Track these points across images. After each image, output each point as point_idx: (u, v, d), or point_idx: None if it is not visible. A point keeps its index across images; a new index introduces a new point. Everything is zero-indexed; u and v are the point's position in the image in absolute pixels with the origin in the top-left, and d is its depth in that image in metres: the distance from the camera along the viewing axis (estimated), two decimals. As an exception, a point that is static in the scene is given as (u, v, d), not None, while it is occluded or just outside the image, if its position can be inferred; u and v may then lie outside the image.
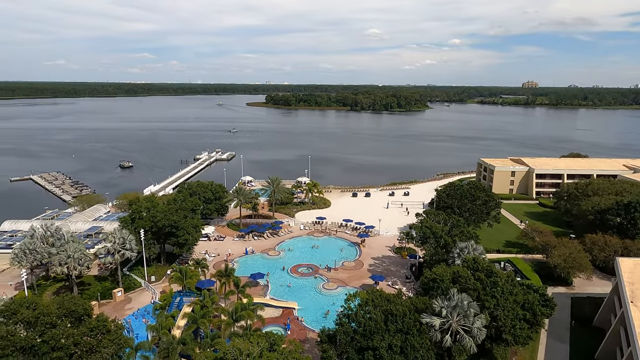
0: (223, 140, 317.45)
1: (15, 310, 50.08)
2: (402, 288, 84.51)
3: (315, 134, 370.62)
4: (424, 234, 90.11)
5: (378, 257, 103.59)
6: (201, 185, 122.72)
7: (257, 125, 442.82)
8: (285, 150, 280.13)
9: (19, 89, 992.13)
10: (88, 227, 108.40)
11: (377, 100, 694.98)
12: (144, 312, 77.27)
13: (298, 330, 72.08)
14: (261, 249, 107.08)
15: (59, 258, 78.09)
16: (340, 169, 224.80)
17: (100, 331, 51.68)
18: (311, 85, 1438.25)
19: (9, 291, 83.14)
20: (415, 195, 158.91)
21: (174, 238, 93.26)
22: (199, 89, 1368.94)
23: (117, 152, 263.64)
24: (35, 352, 46.11)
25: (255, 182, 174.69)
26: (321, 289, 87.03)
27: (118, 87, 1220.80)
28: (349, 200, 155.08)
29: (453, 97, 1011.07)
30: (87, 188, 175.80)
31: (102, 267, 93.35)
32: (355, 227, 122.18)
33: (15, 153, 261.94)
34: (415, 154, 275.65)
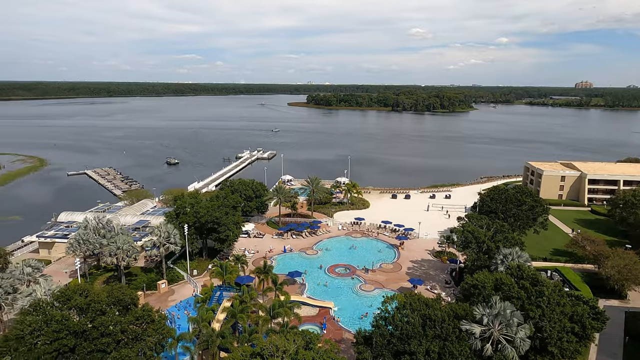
0: (264, 140, 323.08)
1: (69, 296, 53.33)
2: (441, 293, 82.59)
3: (355, 135, 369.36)
4: (465, 239, 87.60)
5: (417, 261, 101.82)
6: (242, 183, 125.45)
7: (297, 125, 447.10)
8: (325, 150, 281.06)
9: (79, 89, 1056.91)
10: (136, 220, 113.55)
11: (419, 100, 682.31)
12: (185, 305, 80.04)
13: (334, 330, 72.16)
14: (299, 248, 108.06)
15: (109, 249, 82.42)
16: (380, 170, 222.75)
17: (145, 320, 54.03)
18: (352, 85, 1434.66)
19: (64, 278, 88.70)
20: (457, 199, 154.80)
21: (215, 234, 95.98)
22: (242, 89, 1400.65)
23: (164, 150, 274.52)
24: (87, 336, 48.87)
25: (295, 181, 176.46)
26: (358, 290, 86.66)
27: (166, 87, 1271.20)
28: (388, 202, 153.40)
29: (499, 98, 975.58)
30: (136, 183, 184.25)
31: (148, 259, 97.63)
32: (394, 229, 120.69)
33: (73, 149, 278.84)
34: (458, 156, 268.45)
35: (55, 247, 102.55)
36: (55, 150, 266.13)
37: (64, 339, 47.40)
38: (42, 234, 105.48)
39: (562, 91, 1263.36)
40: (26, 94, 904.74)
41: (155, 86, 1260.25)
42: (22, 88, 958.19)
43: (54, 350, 46.76)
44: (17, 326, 49.18)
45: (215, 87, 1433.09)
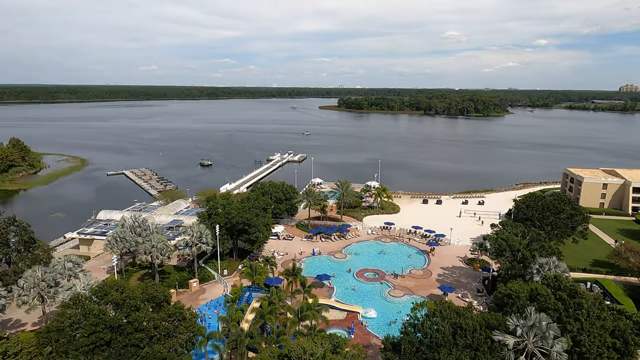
0: (295, 142, 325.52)
1: (106, 291, 55.43)
2: (472, 301, 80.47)
3: (386, 138, 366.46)
4: (499, 246, 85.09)
5: (448, 267, 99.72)
6: (273, 186, 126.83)
7: (328, 129, 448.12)
8: (355, 154, 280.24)
9: (120, 92, 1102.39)
10: (170, 220, 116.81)
11: (452, 104, 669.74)
12: (216, 304, 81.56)
13: (362, 335, 71.64)
14: (328, 251, 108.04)
15: (144, 247, 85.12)
16: (411, 174, 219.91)
17: (177, 318, 55.40)
18: (384, 88, 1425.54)
19: (102, 274, 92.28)
20: (491, 205, 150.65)
21: (245, 235, 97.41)
22: (274, 92, 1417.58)
23: (198, 151, 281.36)
24: (121, 331, 50.60)
25: (325, 184, 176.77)
26: (387, 295, 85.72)
27: (202, 90, 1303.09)
28: (419, 207, 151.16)
29: (537, 101, 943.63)
30: (171, 184, 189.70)
31: (180, 258, 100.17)
32: (425, 234, 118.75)
33: (112, 150, 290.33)
34: (493, 162, 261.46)
35: (94, 243, 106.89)
36: (96, 151, 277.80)
37: (100, 332, 49.23)
38: (83, 231, 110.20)
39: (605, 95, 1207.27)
40: (71, 97, 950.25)
41: (191, 90, 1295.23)
42: (68, 91, 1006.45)
43: (91, 343, 48.64)
44: (58, 318, 51.51)
45: (248, 90, 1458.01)
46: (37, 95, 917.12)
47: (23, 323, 75.20)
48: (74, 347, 48.29)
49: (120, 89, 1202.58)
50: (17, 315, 75.68)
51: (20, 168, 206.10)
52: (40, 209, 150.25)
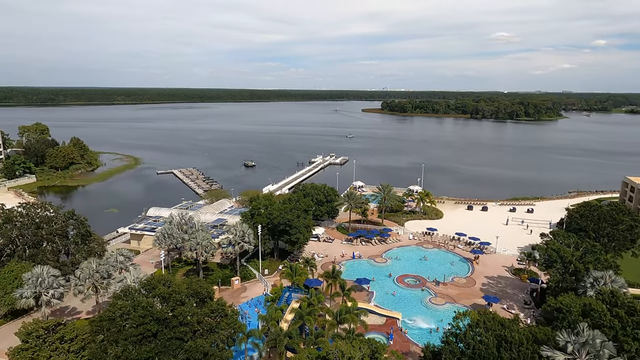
0: (337, 145, 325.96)
1: (154, 285, 57.89)
2: (519, 314, 77.12)
3: (430, 142, 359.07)
4: (549, 257, 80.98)
5: (493, 277, 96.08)
6: (314, 188, 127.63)
7: (370, 131, 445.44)
8: (398, 157, 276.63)
9: (175, 95, 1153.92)
10: (214, 218, 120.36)
11: (501, 107, 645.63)
12: (256, 302, 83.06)
13: (401, 342, 70.46)
14: (368, 255, 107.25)
15: (190, 244, 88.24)
16: (456, 179, 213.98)
17: (219, 314, 56.93)
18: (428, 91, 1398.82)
19: (150, 269, 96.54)
20: (541, 213, 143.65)
21: (286, 235, 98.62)
22: (320, 95, 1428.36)
23: (243, 152, 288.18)
24: (167, 324, 52.67)
25: (367, 187, 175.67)
26: (428, 302, 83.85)
27: (251, 93, 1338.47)
28: (463, 213, 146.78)
29: (594, 105, 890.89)
30: (216, 183, 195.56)
31: (223, 256, 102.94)
32: (469, 242, 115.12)
33: (163, 150, 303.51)
34: (544, 168, 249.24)
35: (143, 239, 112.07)
36: (148, 150, 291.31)
37: (148, 324, 51.46)
38: (134, 227, 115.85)
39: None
40: (126, 100, 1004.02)
41: (241, 92, 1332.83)
42: (122, 94, 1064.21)
43: (139, 334, 50.95)
44: (110, 308, 54.39)
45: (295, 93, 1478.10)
46: (95, 97, 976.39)
47: (78, 311, 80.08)
48: (123, 337, 50.81)
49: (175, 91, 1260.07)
50: (73, 303, 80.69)
51: (80, 165, 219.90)
52: (96, 205, 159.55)
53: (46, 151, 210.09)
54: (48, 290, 69.72)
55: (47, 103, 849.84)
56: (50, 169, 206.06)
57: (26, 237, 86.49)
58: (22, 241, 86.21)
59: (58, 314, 76.53)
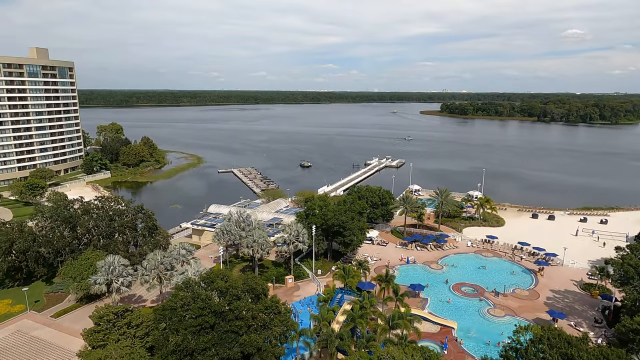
0: (393, 148, 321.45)
1: (213, 279, 60.41)
2: (588, 332, 71.46)
3: (492, 146, 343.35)
4: (625, 273, 74.41)
5: (559, 291, 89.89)
6: (369, 190, 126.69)
7: (428, 134, 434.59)
8: (457, 162, 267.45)
9: (232, 97, 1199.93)
10: (270, 217, 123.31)
11: (572, 110, 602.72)
12: (309, 302, 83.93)
13: (456, 352, 67.99)
14: (423, 260, 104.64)
15: (247, 241, 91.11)
16: (519, 185, 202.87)
17: (273, 311, 58.22)
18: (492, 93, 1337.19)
19: (209, 263, 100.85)
20: (616, 225, 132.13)
21: (340, 237, 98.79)
22: (375, 97, 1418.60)
23: (299, 153, 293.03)
24: (224, 317, 54.74)
25: (423, 191, 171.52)
26: (485, 313, 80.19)
27: (305, 95, 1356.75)
28: (527, 221, 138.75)
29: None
30: (273, 183, 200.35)
31: (278, 254, 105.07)
32: (533, 252, 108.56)
33: (224, 149, 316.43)
34: (620, 176, 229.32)
35: (204, 234, 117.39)
36: (210, 150, 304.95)
37: (206, 316, 53.81)
38: (195, 222, 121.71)
39: None
40: (191, 101, 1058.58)
41: (295, 94, 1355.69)
42: (189, 96, 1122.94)
43: (198, 325, 53.41)
44: (172, 299, 57.53)
45: (349, 95, 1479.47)
46: (164, 99, 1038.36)
47: (144, 299, 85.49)
48: (183, 326, 53.52)
49: (232, 94, 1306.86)
50: (139, 292, 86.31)
51: (149, 163, 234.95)
52: (162, 200, 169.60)
53: (120, 149, 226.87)
54: (118, 278, 75.17)
55: (122, 104, 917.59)
56: (123, 166, 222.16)
57: (101, 228, 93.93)
58: (97, 231, 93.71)
59: (126, 301, 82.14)
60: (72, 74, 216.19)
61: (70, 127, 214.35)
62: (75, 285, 78.98)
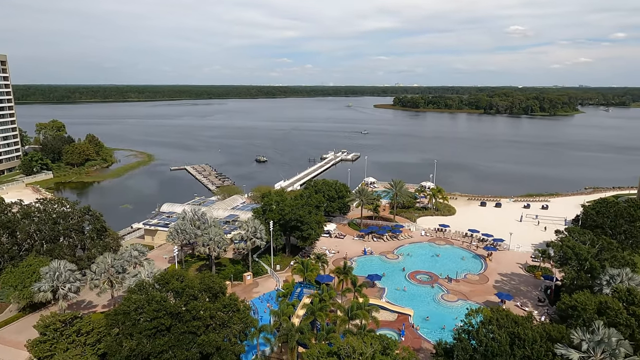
0: (349, 141, 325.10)
1: (168, 280, 58.71)
2: (533, 311, 76.17)
3: (443, 138, 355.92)
4: (564, 254, 79.84)
5: (506, 274, 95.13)
6: (326, 184, 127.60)
7: (382, 127, 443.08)
8: (409, 154, 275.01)
9: (184, 91, 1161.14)
10: (227, 214, 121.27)
11: (515, 102, 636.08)
12: (268, 298, 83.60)
13: (412, 338, 70.30)
14: (380, 251, 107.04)
15: (203, 239, 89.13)
16: (469, 175, 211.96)
17: (232, 309, 57.51)
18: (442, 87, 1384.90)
19: (163, 264, 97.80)
20: (556, 210, 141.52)
21: (298, 231, 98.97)
22: (330, 91, 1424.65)
23: (254, 149, 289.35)
24: (180, 318, 53.40)
25: (378, 183, 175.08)
26: (440, 299, 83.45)
27: (259, 89, 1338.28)
28: (476, 210, 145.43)
29: (612, 99, 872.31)
30: (228, 179, 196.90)
31: (235, 252, 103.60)
32: (482, 238, 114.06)
33: (176, 146, 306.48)
34: (559, 164, 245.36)
35: (157, 234, 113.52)
36: (161, 147, 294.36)
37: (161, 318, 52.27)
38: (147, 222, 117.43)
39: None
40: (139, 97, 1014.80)
41: (249, 89, 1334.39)
42: (137, 91, 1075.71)
43: (153, 328, 51.78)
44: (125, 302, 55.34)
45: (304, 89, 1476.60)
46: (110, 95, 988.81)
47: (94, 305, 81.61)
48: (137, 330, 51.68)
49: (184, 88, 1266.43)
50: (89, 297, 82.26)
51: (95, 162, 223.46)
52: (111, 201, 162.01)
53: (62, 148, 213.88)
54: (65, 284, 71.20)
55: (63, 101, 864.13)
56: (67, 166, 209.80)
57: (44, 232, 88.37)
58: (40, 236, 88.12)
59: (75, 308, 78.09)
60: (5, 68, 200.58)
61: (5, 125, 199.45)
62: (17, 294, 73.99)
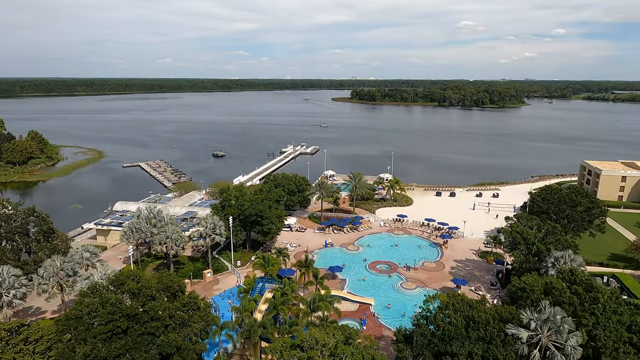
0: (308, 135, 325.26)
1: (123, 281, 56.52)
2: (486, 295, 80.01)
3: (399, 130, 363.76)
4: (513, 239, 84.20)
5: (461, 260, 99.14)
6: (286, 178, 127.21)
7: (341, 120, 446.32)
8: (368, 146, 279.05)
9: (135, 85, 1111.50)
10: (184, 211, 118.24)
11: (467, 95, 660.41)
12: (229, 294, 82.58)
13: (374, 327, 71.90)
14: (340, 243, 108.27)
15: (159, 238, 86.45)
16: (424, 166, 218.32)
17: (192, 307, 56.28)
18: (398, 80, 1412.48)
19: (118, 264, 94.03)
20: (506, 198, 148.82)
21: (259, 226, 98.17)
22: (287, 85, 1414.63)
23: (211, 143, 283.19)
24: (138, 320, 51.62)
25: (338, 176, 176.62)
26: (399, 287, 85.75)
27: (215, 82, 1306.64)
28: (432, 199, 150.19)
29: (555, 92, 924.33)
30: (185, 176, 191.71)
31: (194, 249, 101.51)
32: (438, 227, 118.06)
33: (128, 142, 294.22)
34: (508, 154, 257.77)
35: (110, 234, 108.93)
36: (113, 143, 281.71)
37: (117, 320, 50.29)
38: (99, 222, 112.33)
39: (626, 85, 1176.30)
40: (88, 90, 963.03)
41: (205, 82, 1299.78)
42: (84, 84, 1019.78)
43: (109, 331, 49.75)
44: (77, 307, 52.75)
45: (261, 82, 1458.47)
46: (55, 88, 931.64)
47: (43, 311, 77.31)
48: (91, 335, 49.48)
49: (136, 81, 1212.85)
50: (37, 303, 77.81)
51: (39, 160, 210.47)
52: (59, 200, 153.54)
53: (2, 146, 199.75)
54: (9, 291, 66.96)
55: (3, 95, 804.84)
56: (7, 165, 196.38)
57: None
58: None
59: (21, 315, 73.65)
60: None
61: None
62: (-45, 304, 68.68)
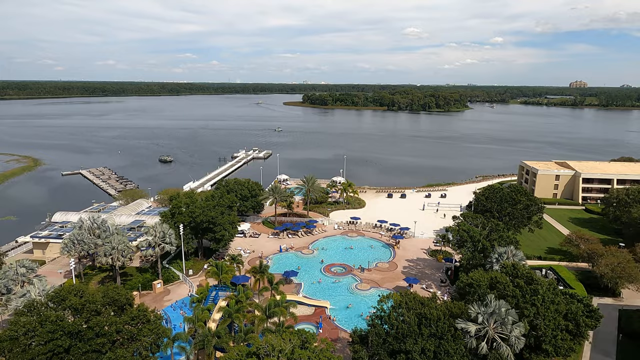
0: (261, 139, 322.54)
1: (64, 297, 53.07)
2: (436, 292, 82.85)
3: (351, 134, 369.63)
4: (460, 238, 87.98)
5: (412, 260, 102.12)
6: (238, 183, 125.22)
7: (293, 125, 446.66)
8: (320, 150, 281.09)
9: (74, 88, 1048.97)
10: (131, 220, 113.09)
11: (414, 100, 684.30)
12: (181, 304, 79.83)
13: (330, 330, 72.26)
14: (295, 247, 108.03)
15: (104, 249, 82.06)
16: (376, 169, 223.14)
17: (141, 320, 53.85)
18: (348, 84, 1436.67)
19: (59, 279, 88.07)
20: (453, 198, 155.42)
21: (211, 233, 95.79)
22: (238, 89, 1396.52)
23: (159, 149, 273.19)
24: (81, 337, 48.64)
25: (291, 180, 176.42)
26: (354, 289, 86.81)
27: (162, 86, 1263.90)
28: (384, 201, 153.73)
29: (495, 97, 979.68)
30: (131, 183, 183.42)
31: (143, 259, 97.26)
32: (390, 228, 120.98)
33: (67, 148, 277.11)
34: (454, 156, 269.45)
35: (49, 247, 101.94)
36: (50, 150, 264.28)
37: (58, 339, 47.13)
38: (36, 234, 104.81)
39: (557, 91, 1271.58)
40: (20, 94, 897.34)
41: (150, 85, 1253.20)
42: (15, 87, 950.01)
43: (49, 351, 46.48)
44: (11, 327, 48.87)
45: (210, 86, 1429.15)
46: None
47: (-28, 334, 70.82)
48: (29, 357, 46.02)
49: (75, 84, 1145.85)
50: (-35, 325, 71.18)
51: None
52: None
53: None
54: None
55: None
56: None
57: None
58: None
59: (-54, 340, 66.99)
60: None
61: None
62: None
